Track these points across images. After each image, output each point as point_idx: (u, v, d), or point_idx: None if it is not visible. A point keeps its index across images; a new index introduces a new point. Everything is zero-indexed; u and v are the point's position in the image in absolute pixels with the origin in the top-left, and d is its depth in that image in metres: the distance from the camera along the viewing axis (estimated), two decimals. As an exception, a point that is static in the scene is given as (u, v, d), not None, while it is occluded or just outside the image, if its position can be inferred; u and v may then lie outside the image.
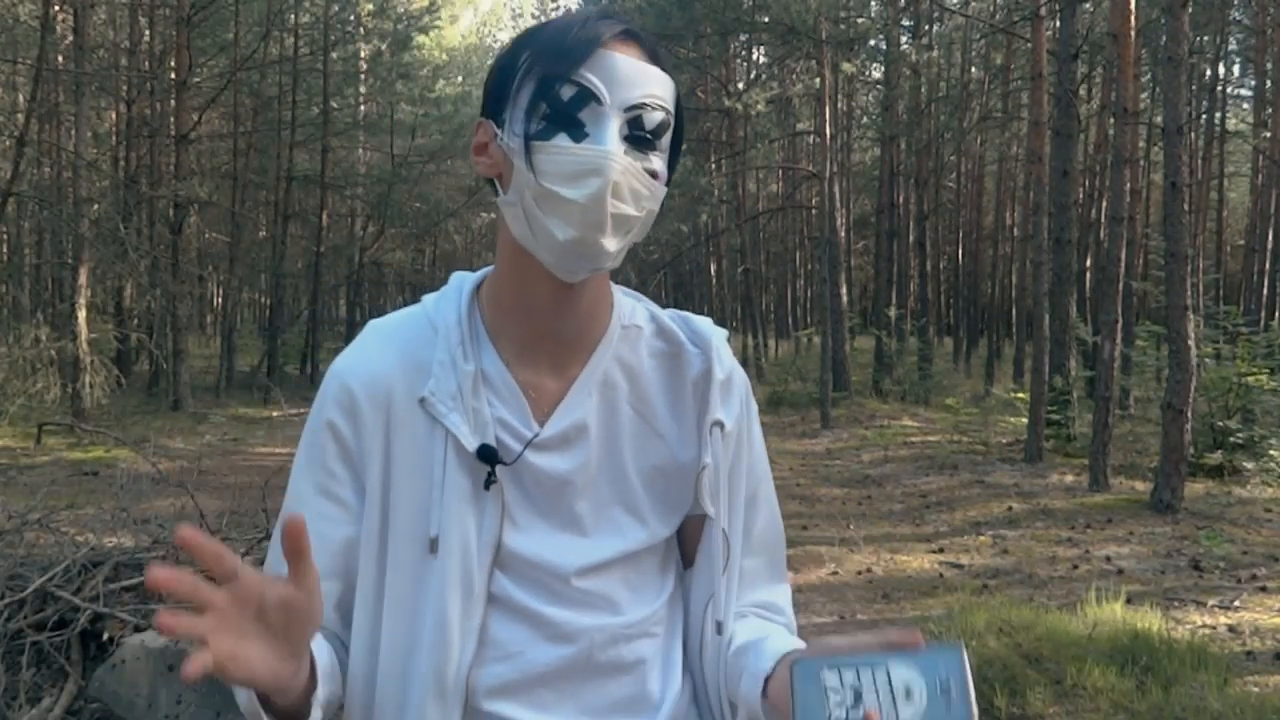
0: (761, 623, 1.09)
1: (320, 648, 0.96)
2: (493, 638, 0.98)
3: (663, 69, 0.96)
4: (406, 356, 1.01)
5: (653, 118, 0.94)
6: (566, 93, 0.92)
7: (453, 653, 0.96)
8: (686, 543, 1.11)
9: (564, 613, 0.99)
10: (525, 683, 0.98)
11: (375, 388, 1.00)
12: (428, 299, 1.07)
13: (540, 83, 0.93)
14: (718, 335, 1.08)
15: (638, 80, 0.93)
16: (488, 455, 0.97)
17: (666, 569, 1.08)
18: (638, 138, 0.93)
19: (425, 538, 0.97)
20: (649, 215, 0.96)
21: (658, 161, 0.96)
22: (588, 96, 0.92)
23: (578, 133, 0.91)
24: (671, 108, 0.97)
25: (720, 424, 1.03)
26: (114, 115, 21.08)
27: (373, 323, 1.07)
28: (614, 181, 0.91)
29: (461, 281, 1.07)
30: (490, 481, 0.97)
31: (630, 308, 1.08)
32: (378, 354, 1.03)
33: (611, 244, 0.93)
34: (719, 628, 1.04)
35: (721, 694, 1.05)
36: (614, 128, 0.92)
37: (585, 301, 1.01)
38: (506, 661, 0.98)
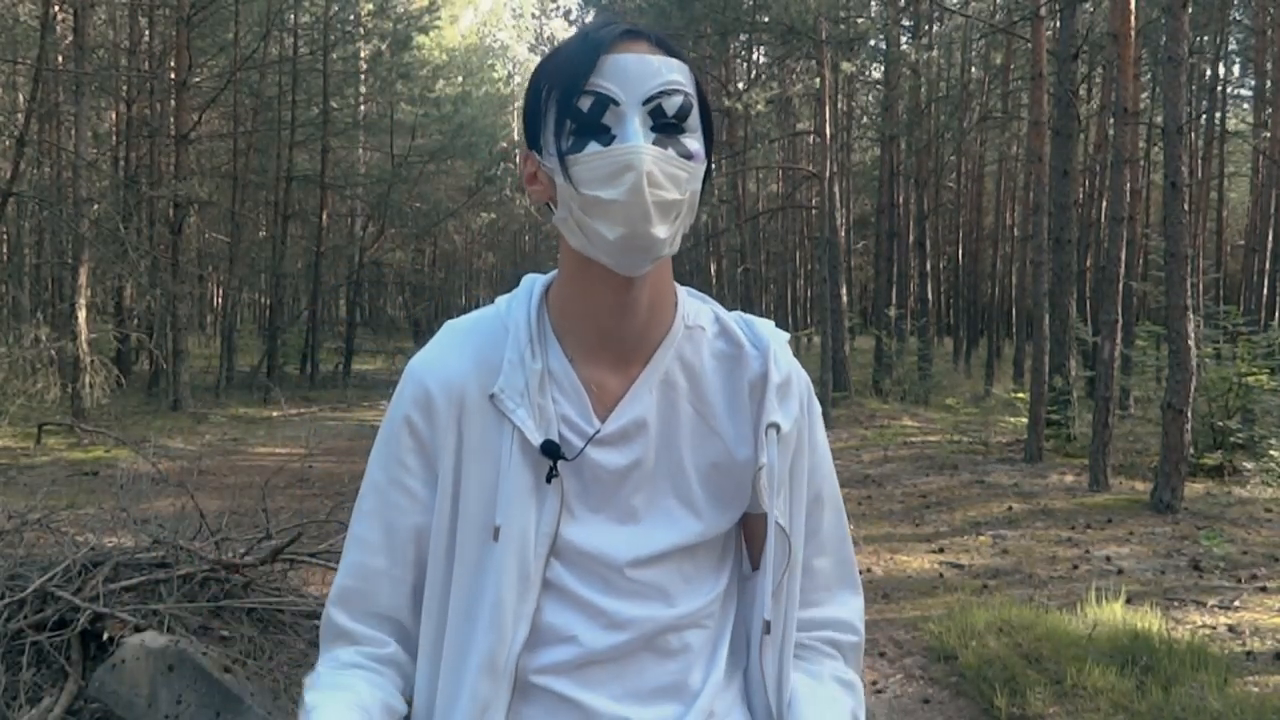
0: (821, 695, 1.10)
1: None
2: (547, 623, 1.03)
3: (672, 55, 1.00)
4: (479, 355, 1.08)
5: (672, 103, 0.99)
6: (585, 103, 0.97)
7: (506, 635, 1.01)
8: (753, 545, 1.14)
9: (616, 602, 1.03)
10: (577, 665, 1.03)
11: (450, 385, 1.07)
12: (501, 300, 1.13)
13: (559, 102, 0.98)
14: (777, 339, 1.12)
15: (648, 73, 0.98)
16: (550, 450, 1.02)
17: (723, 564, 1.12)
18: (664, 125, 0.98)
19: (489, 526, 1.03)
20: (692, 196, 1.00)
21: (691, 142, 1.00)
22: (605, 101, 0.97)
23: (605, 137, 0.97)
24: (690, 89, 1.01)
25: (776, 426, 1.07)
26: (114, 115, 21.08)
27: (449, 323, 1.14)
28: (647, 171, 0.95)
29: (532, 283, 1.13)
30: (552, 475, 1.02)
31: (695, 309, 1.12)
32: (454, 353, 1.09)
33: (662, 231, 0.97)
34: (767, 627, 1.08)
35: (771, 696, 1.09)
36: (637, 123, 0.96)
37: (646, 301, 1.05)
38: (559, 646, 1.03)
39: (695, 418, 1.08)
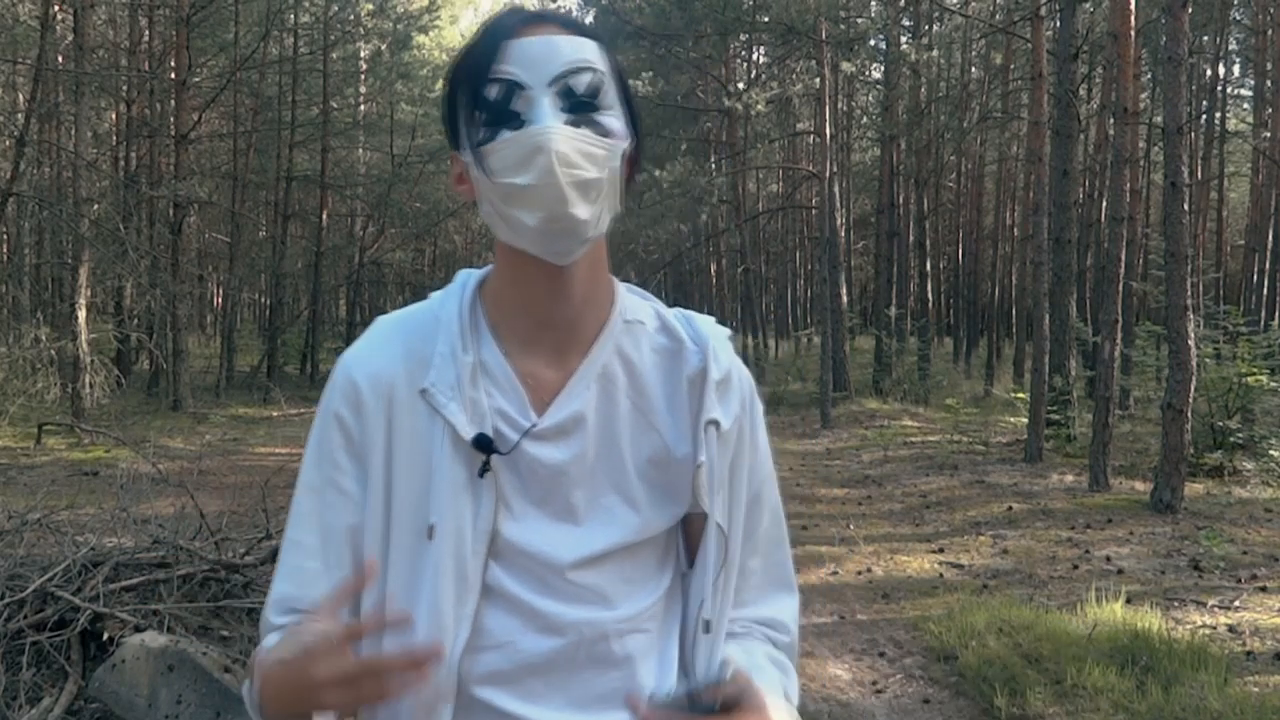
0: (752, 662, 1.07)
1: None
2: (483, 626, 1.00)
3: (581, 34, 0.99)
4: (410, 349, 1.05)
5: (581, 80, 0.96)
6: (492, 91, 0.95)
7: (446, 638, 0.98)
8: (690, 544, 1.11)
9: (555, 605, 1.00)
10: (515, 672, 1.00)
11: (379, 380, 1.04)
12: (435, 295, 1.10)
13: (469, 95, 0.97)
14: (716, 335, 1.09)
15: (553, 53, 0.96)
16: (483, 444, 0.99)
17: (664, 565, 1.08)
18: (577, 104, 0.96)
19: (424, 525, 1.00)
20: (612, 174, 0.97)
21: (608, 119, 0.98)
22: (512, 86, 0.95)
23: (516, 123, 0.95)
24: (601, 65, 0.98)
25: (715, 423, 1.04)
26: (114, 115, 21.08)
27: (381, 318, 1.11)
28: (557, 151, 0.92)
29: (466, 278, 1.10)
30: (485, 470, 0.99)
31: (635, 304, 1.10)
32: (383, 347, 1.06)
33: (582, 211, 0.95)
34: (706, 626, 1.05)
35: None
36: (546, 104, 0.94)
37: (579, 290, 1.03)
38: (496, 650, 1.00)
39: (634, 412, 1.05)
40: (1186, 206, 7.74)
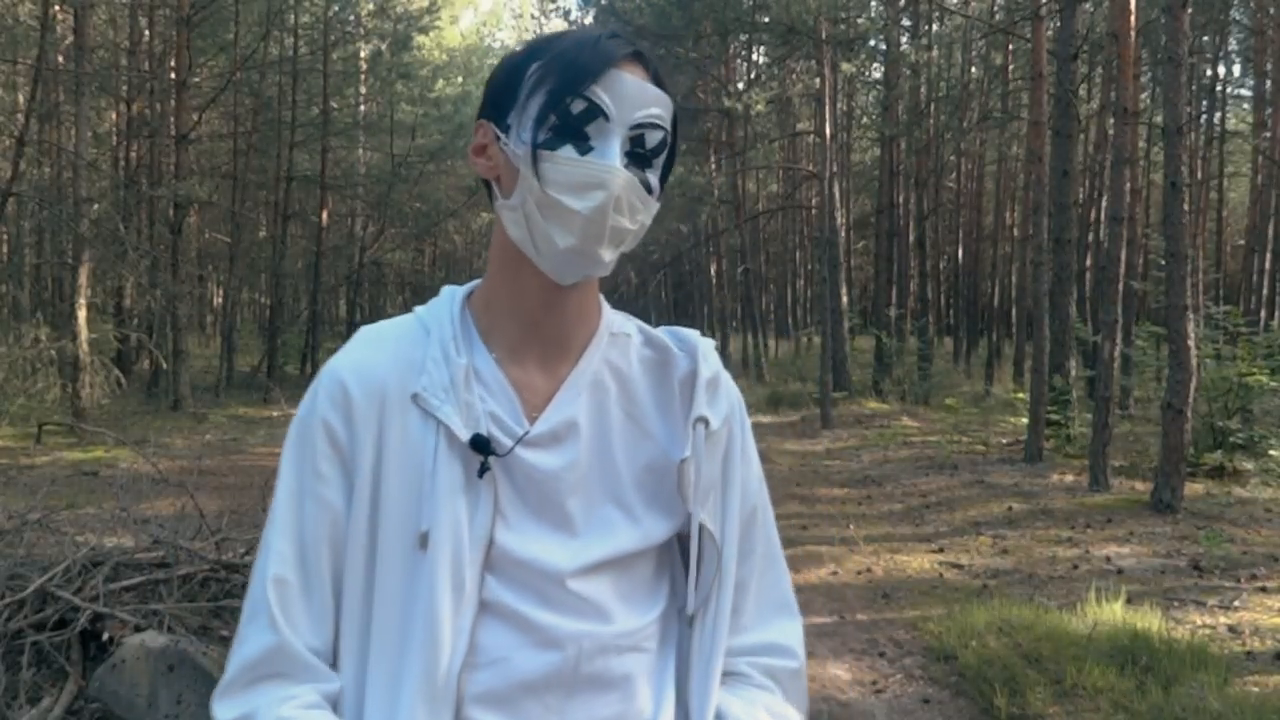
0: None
1: None
2: (478, 643, 0.96)
3: (664, 91, 1.01)
4: (400, 355, 1.03)
5: (654, 137, 1.00)
6: (577, 107, 0.96)
7: (443, 653, 0.94)
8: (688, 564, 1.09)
9: (552, 617, 0.97)
10: (510, 692, 0.96)
11: (369, 383, 1.01)
12: (418, 308, 1.09)
13: (551, 95, 0.96)
14: (704, 342, 1.10)
15: (643, 101, 0.98)
16: (480, 445, 0.97)
17: (660, 581, 1.06)
18: (638, 155, 0.99)
19: (415, 533, 0.96)
20: (641, 228, 1.00)
21: (652, 177, 1.01)
22: (597, 112, 0.96)
23: (584, 146, 0.96)
24: (669, 128, 1.01)
25: (704, 420, 1.03)
26: (114, 115, 21.09)
27: (364, 328, 1.08)
28: (616, 196, 0.95)
29: (452, 292, 1.09)
30: (484, 470, 0.97)
31: (620, 320, 1.11)
32: (372, 352, 1.04)
33: (607, 254, 0.98)
34: (690, 621, 1.03)
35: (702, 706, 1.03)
36: (618, 144, 0.96)
37: (574, 303, 1.04)
38: (491, 668, 0.96)
39: (626, 420, 1.04)
40: (1186, 206, 7.74)
